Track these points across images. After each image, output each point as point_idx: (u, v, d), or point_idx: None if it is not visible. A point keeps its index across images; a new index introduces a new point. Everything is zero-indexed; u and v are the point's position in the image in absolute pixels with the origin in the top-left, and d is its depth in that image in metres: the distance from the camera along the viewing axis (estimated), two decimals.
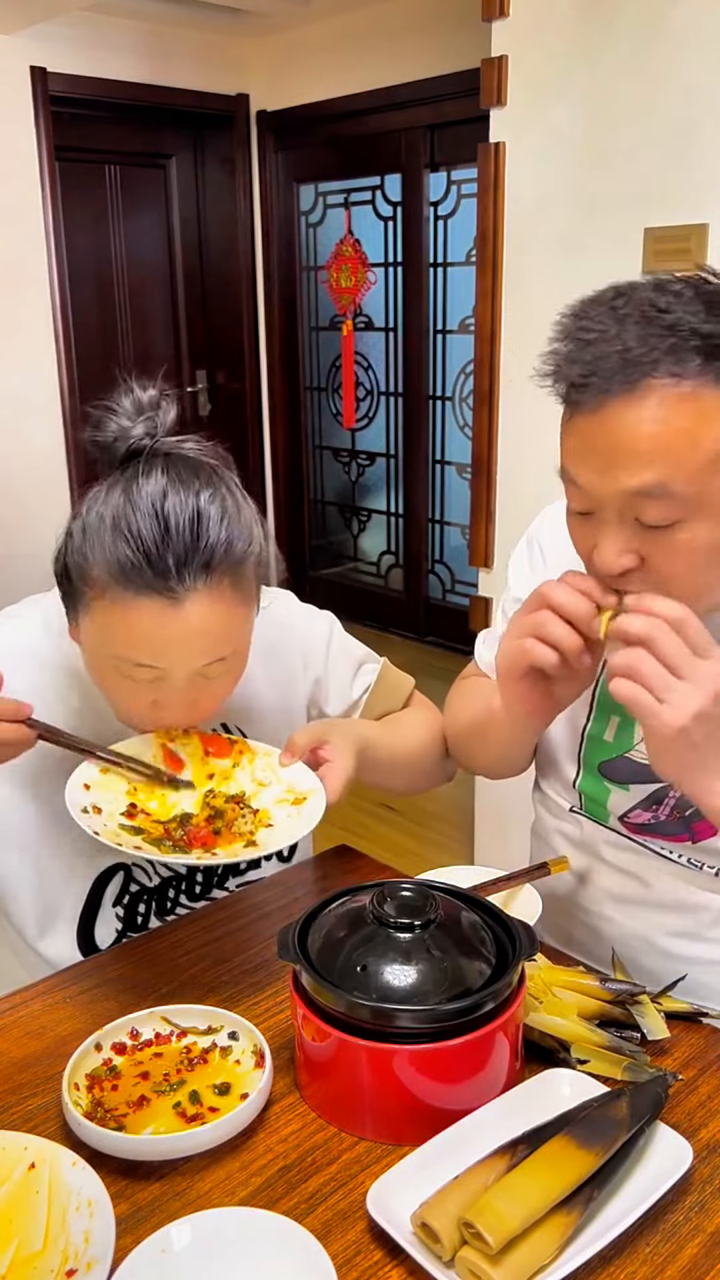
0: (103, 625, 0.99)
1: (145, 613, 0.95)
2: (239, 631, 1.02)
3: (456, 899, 0.95)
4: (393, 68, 4.01)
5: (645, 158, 2.12)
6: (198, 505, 0.96)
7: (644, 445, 0.85)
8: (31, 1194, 0.79)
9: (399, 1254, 0.75)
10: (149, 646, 0.97)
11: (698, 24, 1.99)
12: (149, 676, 1.00)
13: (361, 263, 4.58)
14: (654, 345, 0.84)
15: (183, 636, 0.97)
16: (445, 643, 4.59)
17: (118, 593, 0.95)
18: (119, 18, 4.03)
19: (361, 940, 0.89)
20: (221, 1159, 0.84)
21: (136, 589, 0.95)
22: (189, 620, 0.96)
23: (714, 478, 0.86)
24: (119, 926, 1.20)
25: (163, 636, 0.97)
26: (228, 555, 0.97)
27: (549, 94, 2.24)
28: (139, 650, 0.98)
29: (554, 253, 2.27)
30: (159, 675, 0.99)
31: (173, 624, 0.96)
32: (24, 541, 3.23)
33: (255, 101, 4.62)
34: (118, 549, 0.94)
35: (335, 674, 1.30)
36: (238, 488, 1.02)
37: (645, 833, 1.12)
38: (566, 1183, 0.75)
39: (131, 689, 1.02)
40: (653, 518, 0.88)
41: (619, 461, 0.87)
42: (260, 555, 1.02)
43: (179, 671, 0.99)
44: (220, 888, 1.26)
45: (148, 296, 4.69)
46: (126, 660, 0.99)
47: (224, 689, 1.06)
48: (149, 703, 1.03)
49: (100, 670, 1.04)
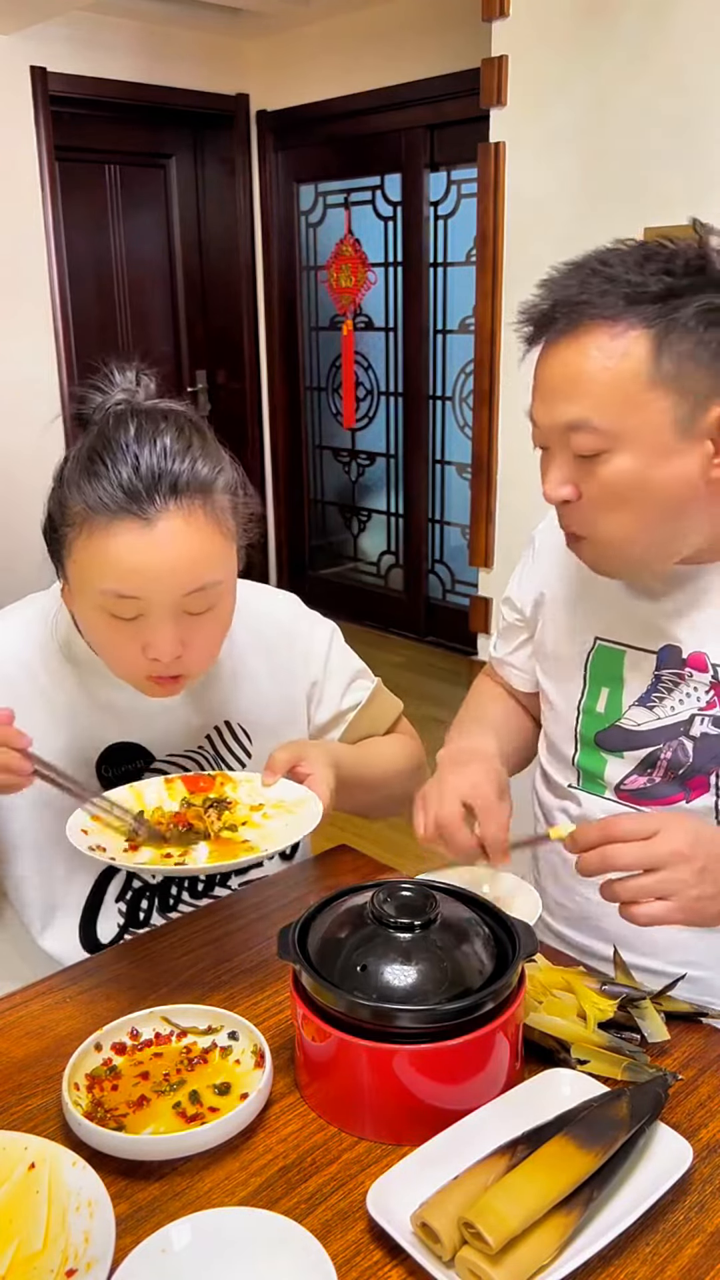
0: (84, 562, 1.01)
1: (121, 538, 0.99)
2: (216, 560, 1.04)
3: (456, 899, 0.95)
4: (393, 68, 4.02)
5: (645, 158, 2.12)
6: (165, 441, 1.01)
7: (573, 381, 0.96)
8: (31, 1194, 0.79)
9: (399, 1254, 0.75)
10: (127, 573, 1.00)
11: (698, 24, 1.99)
12: (133, 611, 1.01)
13: (361, 263, 4.58)
14: (591, 291, 0.95)
15: (158, 559, 0.99)
16: (445, 643, 4.59)
17: (95, 523, 0.99)
18: (119, 18, 4.03)
19: (361, 940, 0.89)
20: (221, 1159, 0.84)
21: (110, 515, 0.99)
22: (162, 542, 0.99)
23: (631, 414, 0.95)
24: (121, 922, 1.21)
25: (140, 561, 0.99)
26: (194, 478, 1.01)
27: (549, 94, 2.24)
28: (119, 578, 1.00)
29: (554, 253, 2.27)
30: (142, 608, 1.01)
31: (148, 547, 0.99)
32: (24, 540, 3.22)
33: (255, 101, 4.62)
34: (92, 482, 0.99)
35: (330, 682, 1.31)
36: (209, 433, 1.07)
37: (641, 798, 1.15)
38: (566, 1183, 0.75)
39: (121, 635, 1.03)
40: (581, 447, 0.97)
41: (556, 397, 0.98)
42: (230, 484, 1.06)
43: (159, 601, 1.01)
44: (223, 885, 1.26)
45: (148, 296, 4.69)
46: (110, 594, 1.01)
47: (210, 636, 1.07)
48: (139, 649, 1.04)
49: (91, 621, 1.05)
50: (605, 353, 0.94)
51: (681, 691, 1.10)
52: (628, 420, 0.95)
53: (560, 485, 1.00)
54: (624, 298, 0.94)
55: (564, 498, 1.00)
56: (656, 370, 0.93)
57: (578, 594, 1.19)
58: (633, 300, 0.93)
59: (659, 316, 0.93)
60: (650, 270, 0.94)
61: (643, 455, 0.96)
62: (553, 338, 0.97)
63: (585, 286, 0.95)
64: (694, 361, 0.93)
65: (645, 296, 0.93)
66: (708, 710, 1.08)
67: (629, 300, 0.94)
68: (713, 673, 1.08)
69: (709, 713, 1.08)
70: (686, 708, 1.10)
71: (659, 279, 0.94)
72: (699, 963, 1.10)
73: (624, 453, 0.96)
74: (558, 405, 0.97)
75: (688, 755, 1.10)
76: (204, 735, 1.23)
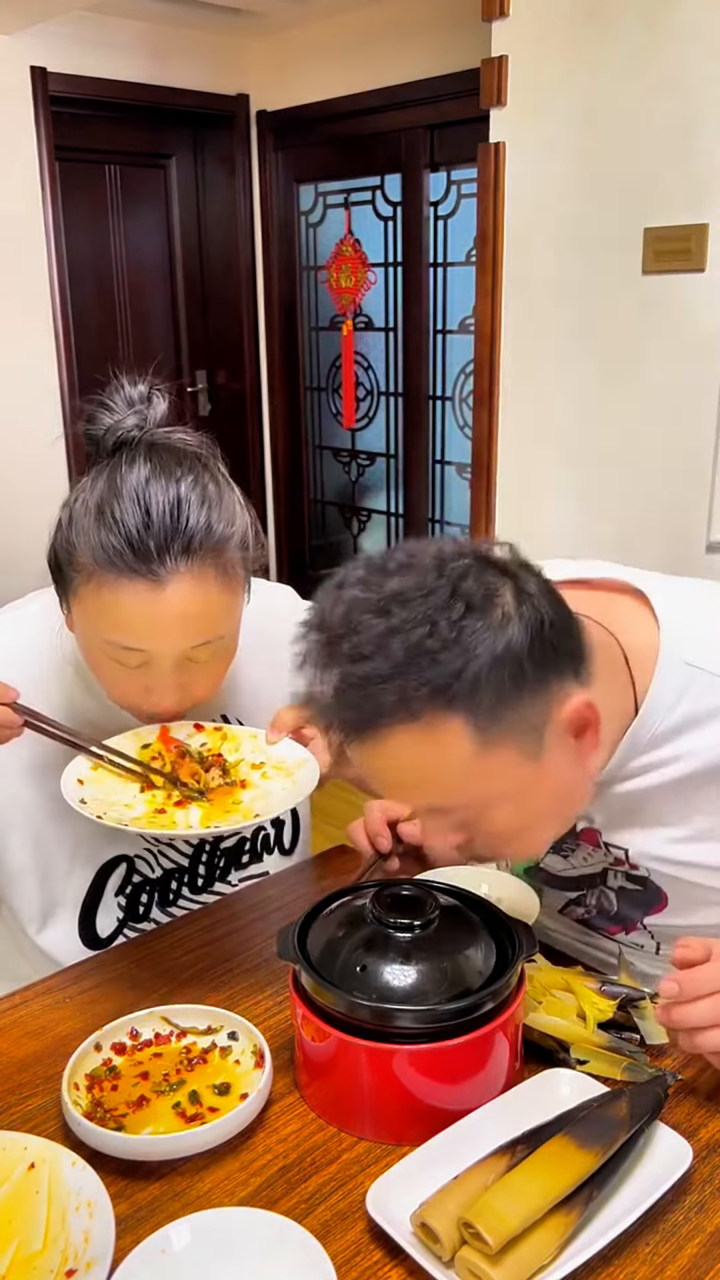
0: (91, 611, 1.01)
1: (129, 596, 0.97)
2: (224, 615, 1.03)
3: (456, 899, 0.95)
4: (393, 68, 4.01)
5: (645, 158, 2.12)
6: (178, 491, 0.98)
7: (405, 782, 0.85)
8: (31, 1194, 0.79)
9: (399, 1254, 0.75)
10: (134, 629, 0.99)
11: (697, 25, 1.99)
12: (137, 661, 1.01)
13: (361, 263, 4.58)
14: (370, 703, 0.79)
15: (166, 619, 0.98)
16: None
17: (103, 577, 0.98)
18: (119, 18, 4.03)
19: (361, 940, 0.89)
20: (221, 1159, 0.84)
21: (120, 572, 0.97)
22: (172, 602, 0.98)
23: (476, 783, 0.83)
24: (120, 916, 1.21)
25: (147, 619, 0.98)
26: (208, 538, 0.99)
27: (549, 94, 2.24)
28: (125, 633, 0.99)
29: (554, 253, 2.27)
30: (146, 659, 1.01)
31: (156, 606, 0.98)
32: (24, 540, 3.23)
33: (255, 101, 4.62)
34: (102, 535, 0.97)
35: None
36: (223, 475, 1.04)
37: (582, 923, 1.14)
38: (566, 1183, 0.75)
39: (123, 675, 1.03)
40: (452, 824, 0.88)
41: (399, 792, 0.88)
42: (243, 539, 1.04)
43: (165, 654, 1.01)
44: (223, 880, 1.26)
45: (148, 296, 4.69)
46: (114, 644, 1.00)
47: (214, 674, 1.07)
48: (141, 688, 1.04)
49: (93, 657, 1.05)
50: (420, 754, 0.80)
51: (583, 853, 1.07)
52: (478, 789, 0.84)
53: (448, 850, 0.91)
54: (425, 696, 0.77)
55: (458, 849, 0.91)
56: (483, 738, 0.79)
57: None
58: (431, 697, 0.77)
59: (461, 697, 0.77)
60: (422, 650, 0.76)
61: (513, 800, 0.86)
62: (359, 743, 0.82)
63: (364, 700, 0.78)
64: (515, 704, 0.80)
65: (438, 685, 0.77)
66: (618, 866, 1.04)
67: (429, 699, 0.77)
68: (605, 849, 1.04)
69: (620, 869, 1.04)
70: (597, 862, 1.06)
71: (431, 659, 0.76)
72: None
73: (494, 809, 0.86)
74: (404, 796, 0.90)
75: (612, 904, 1.08)
76: None
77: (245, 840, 1.28)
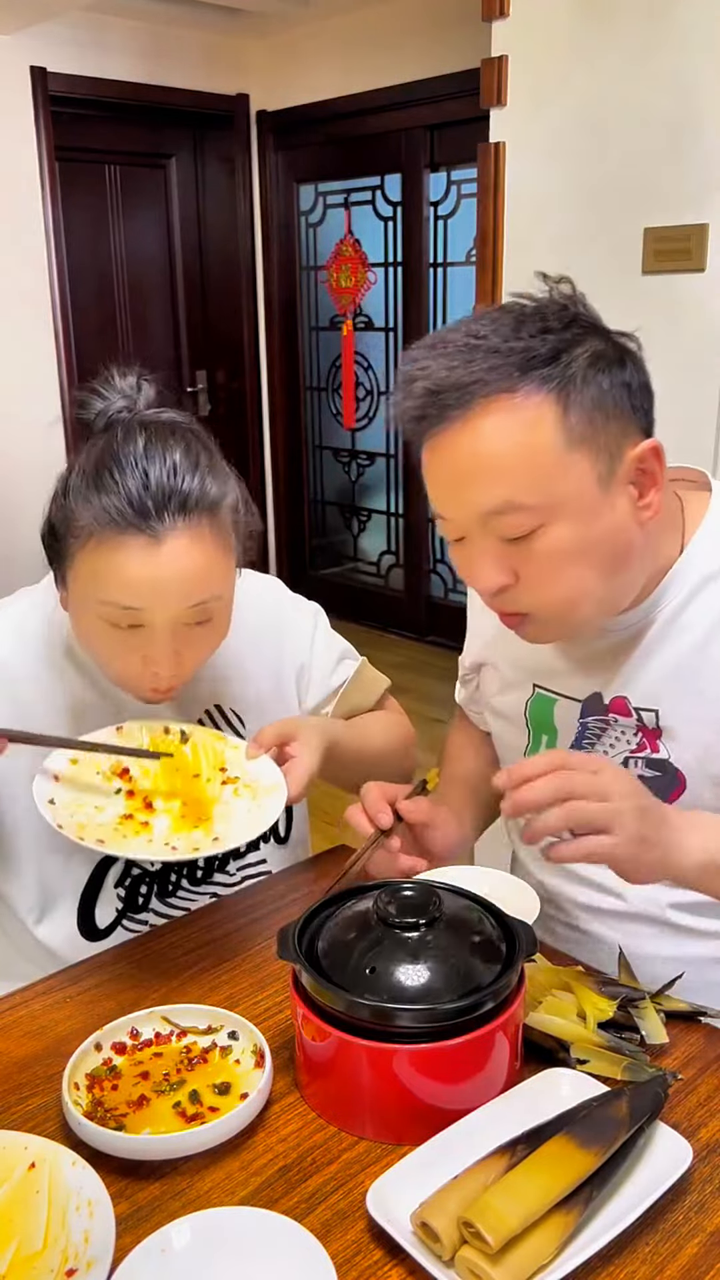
0: (89, 573, 1.02)
1: (128, 552, 0.99)
2: (219, 576, 1.05)
3: (455, 898, 0.95)
4: (393, 68, 4.02)
5: (645, 158, 2.12)
6: (175, 457, 1.01)
7: (484, 465, 0.90)
8: (31, 1194, 0.79)
9: (399, 1254, 0.75)
10: (133, 587, 1.01)
11: (697, 24, 1.99)
12: (134, 621, 1.02)
13: (361, 263, 4.58)
14: (476, 369, 0.89)
15: (165, 575, 1.01)
16: (445, 642, 4.59)
17: (103, 536, 1.00)
18: (119, 18, 4.03)
19: (362, 939, 0.89)
20: (221, 1159, 0.84)
21: (120, 530, 0.99)
22: (169, 560, 1.00)
23: (556, 481, 0.90)
24: (119, 907, 1.21)
25: (147, 576, 1.00)
26: (203, 498, 1.02)
27: (549, 94, 2.24)
28: (124, 591, 1.01)
29: (554, 253, 2.27)
30: (143, 621, 1.02)
31: (155, 563, 1.00)
32: (25, 538, 3.23)
33: (255, 101, 4.62)
34: (102, 498, 1.00)
35: (318, 663, 1.34)
36: (215, 449, 1.07)
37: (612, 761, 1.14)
38: (566, 1182, 0.75)
39: (120, 645, 1.05)
40: (511, 531, 0.92)
41: (467, 485, 0.92)
42: (236, 504, 1.07)
43: (162, 615, 1.02)
44: (222, 870, 1.27)
45: (148, 296, 4.69)
46: (113, 605, 1.02)
47: (208, 643, 1.09)
48: (138, 659, 1.05)
49: (90, 629, 1.06)
50: (512, 427, 0.89)
51: (610, 736, 1.09)
52: (555, 490, 0.90)
53: (494, 576, 0.95)
54: (515, 366, 0.88)
55: (502, 585, 0.96)
56: (569, 431, 0.89)
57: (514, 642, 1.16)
58: (525, 367, 0.88)
59: (556, 376, 0.88)
60: (529, 331, 0.89)
61: (576, 520, 0.92)
62: (445, 425, 0.91)
63: (469, 364, 0.89)
64: (601, 411, 0.90)
65: (537, 360, 0.88)
66: (639, 753, 1.08)
67: (521, 368, 0.88)
68: (636, 716, 1.07)
69: (640, 755, 1.07)
70: (618, 751, 1.09)
71: (542, 339, 0.89)
72: (686, 978, 1.09)
73: (558, 523, 0.91)
74: (472, 493, 0.92)
75: None
76: (196, 720, 1.24)
77: None
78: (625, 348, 0.94)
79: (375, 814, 1.06)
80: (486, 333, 0.90)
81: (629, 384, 0.92)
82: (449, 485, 0.94)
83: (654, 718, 1.06)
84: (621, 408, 0.91)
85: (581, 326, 0.92)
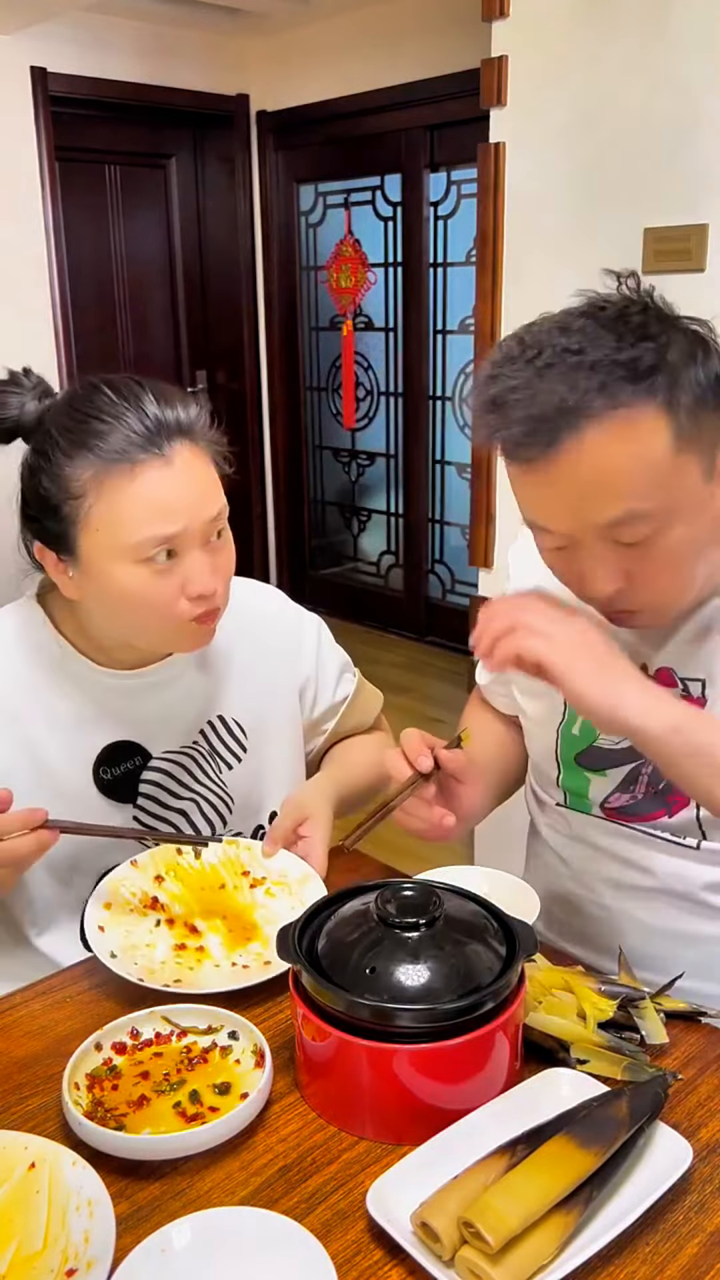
0: (111, 518, 1.03)
1: (149, 477, 1.03)
2: (219, 487, 1.10)
3: (456, 898, 0.95)
4: (393, 68, 4.02)
5: (645, 158, 2.12)
6: (149, 394, 1.06)
7: (603, 481, 0.90)
8: (31, 1194, 0.79)
9: (399, 1254, 0.75)
10: (161, 509, 1.03)
11: (697, 24, 1.99)
12: (170, 547, 1.05)
13: (361, 263, 4.58)
14: (585, 388, 0.87)
15: (186, 488, 1.05)
16: (445, 643, 4.59)
17: (118, 473, 1.02)
18: (119, 18, 4.03)
19: (362, 940, 0.89)
20: (221, 1159, 0.84)
21: (133, 460, 1.02)
22: (183, 473, 1.05)
23: (672, 486, 0.91)
24: None
25: (170, 494, 1.04)
26: (189, 419, 1.07)
27: (549, 94, 2.24)
28: (154, 517, 1.03)
29: (554, 253, 2.27)
30: (177, 545, 1.05)
31: (174, 480, 1.04)
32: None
33: (255, 101, 4.62)
34: (101, 442, 1.02)
35: (324, 674, 1.35)
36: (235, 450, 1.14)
37: (625, 815, 1.15)
38: (566, 1182, 0.75)
39: (159, 585, 1.06)
40: (630, 538, 0.93)
41: (584, 502, 0.91)
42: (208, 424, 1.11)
43: (193, 531, 1.05)
44: None
45: (148, 296, 4.69)
46: (146, 541, 1.03)
47: (229, 557, 1.12)
48: (176, 588, 1.07)
49: (123, 584, 1.06)
50: (628, 442, 0.88)
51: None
52: (672, 494, 0.91)
53: (612, 582, 0.95)
54: (625, 380, 0.87)
55: (618, 588, 0.96)
56: (679, 435, 0.89)
57: None
58: (634, 380, 0.87)
59: (662, 385, 0.88)
60: (630, 341, 0.88)
61: (689, 517, 0.93)
62: (556, 450, 0.89)
63: (574, 385, 0.87)
64: (702, 407, 0.90)
65: (643, 371, 0.87)
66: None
67: (631, 381, 0.87)
68: (682, 687, 1.08)
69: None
70: None
71: (642, 347, 0.88)
72: (689, 973, 1.09)
73: (675, 524, 0.92)
74: (590, 508, 0.91)
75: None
76: (198, 730, 1.23)
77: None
78: (702, 336, 0.94)
79: (416, 757, 1.05)
80: (584, 346, 0.88)
81: (717, 374, 0.92)
82: (561, 503, 0.93)
83: (700, 687, 1.07)
84: (716, 399, 0.92)
85: (666, 323, 0.92)
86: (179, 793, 1.22)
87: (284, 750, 1.31)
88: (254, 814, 1.29)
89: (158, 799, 1.20)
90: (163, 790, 1.21)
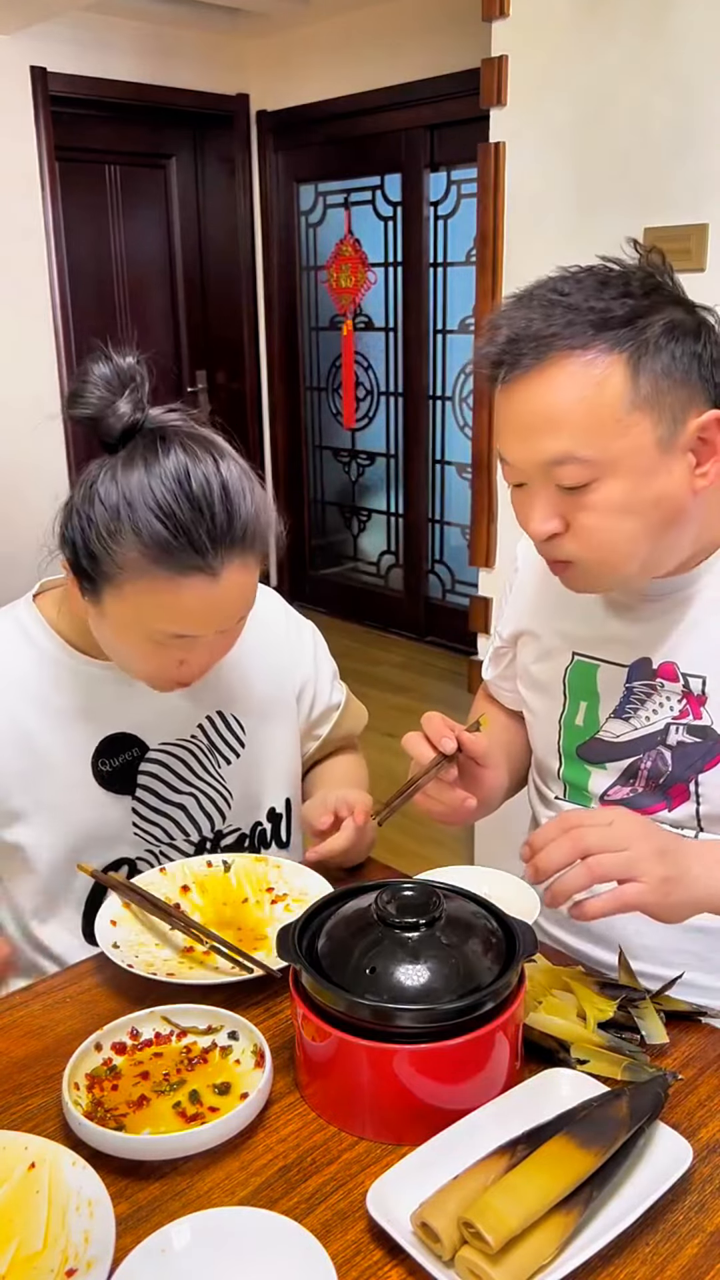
0: (138, 605, 1.02)
1: (188, 591, 1.00)
2: (255, 595, 1.09)
3: (456, 898, 0.95)
4: (393, 68, 4.02)
5: (645, 158, 2.12)
6: (221, 479, 1.00)
7: (550, 416, 0.95)
8: (31, 1194, 0.79)
9: (399, 1254, 0.75)
10: (191, 620, 1.03)
11: (697, 24, 1.99)
12: (183, 642, 1.04)
13: (361, 263, 4.58)
14: (556, 322, 0.93)
15: (221, 606, 1.03)
16: (445, 643, 4.59)
17: (157, 573, 0.99)
18: (119, 18, 4.03)
19: (362, 939, 0.89)
20: (221, 1159, 0.84)
21: (178, 569, 0.99)
22: (226, 591, 1.02)
23: (615, 440, 0.94)
24: None
25: (204, 610, 1.02)
26: (255, 526, 1.03)
27: (549, 94, 2.24)
28: (181, 624, 1.03)
29: (554, 253, 2.26)
30: (194, 640, 1.05)
31: (214, 597, 1.01)
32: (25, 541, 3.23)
33: (255, 101, 4.62)
34: (153, 530, 0.97)
35: (320, 678, 1.36)
36: (240, 454, 1.07)
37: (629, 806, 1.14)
38: (566, 1182, 0.75)
39: (161, 655, 1.06)
40: (567, 480, 0.96)
41: (533, 433, 0.96)
42: (274, 519, 1.08)
43: (212, 634, 1.05)
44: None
45: (148, 296, 4.69)
46: (164, 633, 1.03)
47: (236, 637, 1.12)
48: (174, 663, 1.07)
49: (128, 641, 1.07)
50: (581, 383, 0.93)
51: (655, 702, 1.12)
52: (612, 447, 0.94)
53: (546, 520, 0.99)
54: (591, 325, 0.93)
55: (552, 531, 1.00)
56: (635, 393, 0.93)
57: (557, 611, 1.21)
58: (600, 326, 0.92)
59: (629, 340, 0.92)
60: (610, 295, 0.94)
61: (630, 478, 0.95)
62: (520, 373, 0.95)
63: (549, 318, 0.94)
64: (669, 379, 0.93)
65: (613, 321, 0.93)
66: (681, 719, 1.10)
67: (596, 327, 0.93)
68: (683, 682, 1.09)
69: (683, 721, 1.10)
70: (661, 717, 1.11)
71: (621, 302, 0.93)
72: (691, 967, 1.09)
73: (612, 479, 0.95)
74: (537, 441, 0.96)
75: (667, 764, 1.11)
76: (196, 724, 1.24)
77: (245, 837, 1.29)
78: (704, 320, 0.98)
79: (439, 739, 1.06)
80: (570, 290, 0.95)
81: (700, 355, 0.95)
82: (517, 431, 0.98)
83: (700, 684, 1.08)
84: (690, 377, 0.95)
85: (663, 295, 0.96)
86: (177, 786, 1.22)
87: (282, 747, 1.32)
88: (253, 810, 1.29)
89: (156, 791, 1.21)
90: (160, 783, 1.21)
